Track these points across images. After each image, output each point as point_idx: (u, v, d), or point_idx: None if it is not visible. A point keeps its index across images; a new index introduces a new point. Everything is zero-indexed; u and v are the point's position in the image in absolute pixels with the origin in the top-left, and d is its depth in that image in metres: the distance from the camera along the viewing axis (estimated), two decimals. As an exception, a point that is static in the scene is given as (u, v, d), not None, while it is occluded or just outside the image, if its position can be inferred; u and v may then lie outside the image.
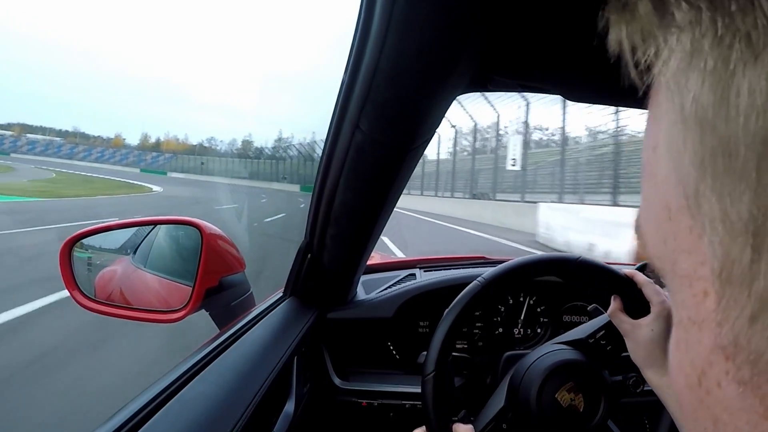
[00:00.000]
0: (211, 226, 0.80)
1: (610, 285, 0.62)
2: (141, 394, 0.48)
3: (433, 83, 0.45)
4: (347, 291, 0.94)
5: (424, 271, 1.14)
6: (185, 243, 0.86)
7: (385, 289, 1.03)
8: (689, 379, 0.16)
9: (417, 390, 0.61)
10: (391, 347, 0.99)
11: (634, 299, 0.60)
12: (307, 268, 0.83)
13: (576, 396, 0.62)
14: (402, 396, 0.87)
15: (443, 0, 0.35)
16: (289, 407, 0.73)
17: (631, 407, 0.69)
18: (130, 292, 0.85)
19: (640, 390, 0.65)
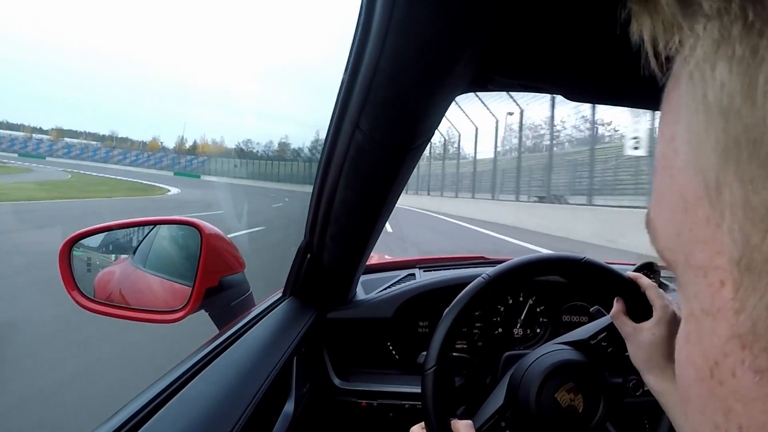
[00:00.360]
0: (211, 226, 0.80)
1: (613, 287, 0.62)
2: (141, 393, 0.48)
3: (433, 83, 0.45)
4: (347, 291, 0.94)
5: (423, 271, 1.14)
6: (185, 243, 0.86)
7: (385, 289, 1.03)
8: (700, 372, 0.16)
9: (416, 390, 0.61)
10: (391, 347, 0.99)
11: (637, 302, 0.60)
12: (307, 267, 0.83)
13: (576, 396, 0.62)
14: (401, 396, 0.87)
15: (443, 0, 0.35)
16: (289, 407, 0.73)
17: (631, 408, 0.69)
18: (129, 292, 0.85)
19: (639, 393, 0.65)
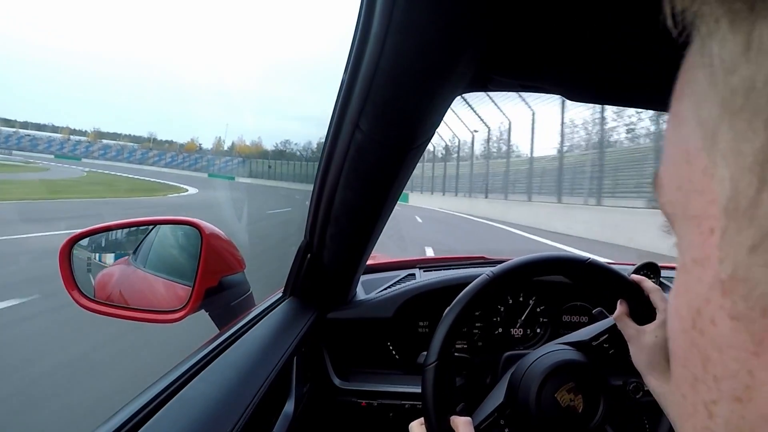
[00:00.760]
0: (211, 226, 0.80)
1: (616, 289, 0.62)
2: (141, 393, 0.48)
3: (433, 83, 0.45)
4: (347, 291, 0.94)
5: (423, 271, 1.14)
6: (185, 243, 0.86)
7: (385, 289, 1.03)
8: (684, 322, 0.17)
9: (417, 390, 0.61)
10: (391, 347, 0.99)
11: (640, 305, 0.60)
12: (307, 267, 0.83)
13: (576, 397, 0.62)
14: (401, 396, 0.87)
15: (443, 0, 0.35)
16: (289, 407, 0.73)
17: (631, 409, 0.69)
18: (129, 292, 0.85)
19: (639, 395, 0.65)
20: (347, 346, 0.96)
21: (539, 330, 1.03)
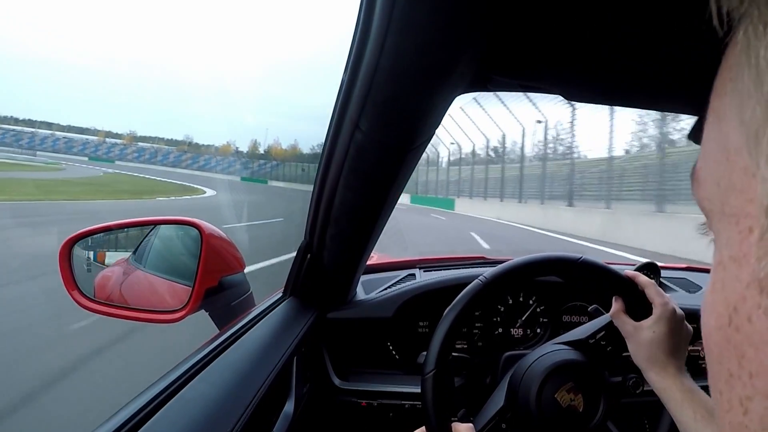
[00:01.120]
0: (211, 225, 0.80)
1: (611, 286, 0.62)
2: (141, 394, 0.48)
3: (433, 83, 0.45)
4: (347, 291, 0.94)
5: (423, 271, 1.14)
6: (185, 243, 0.86)
7: (385, 289, 1.03)
8: (720, 319, 0.17)
9: (417, 390, 0.61)
10: (391, 347, 0.99)
11: (635, 301, 0.60)
12: (307, 267, 0.83)
13: (576, 396, 0.62)
14: (401, 396, 0.87)
15: (443, 0, 0.35)
16: (289, 407, 0.73)
17: (631, 408, 0.69)
18: (129, 292, 0.85)
19: (639, 391, 0.65)
20: (347, 346, 0.96)
21: (539, 330, 1.03)
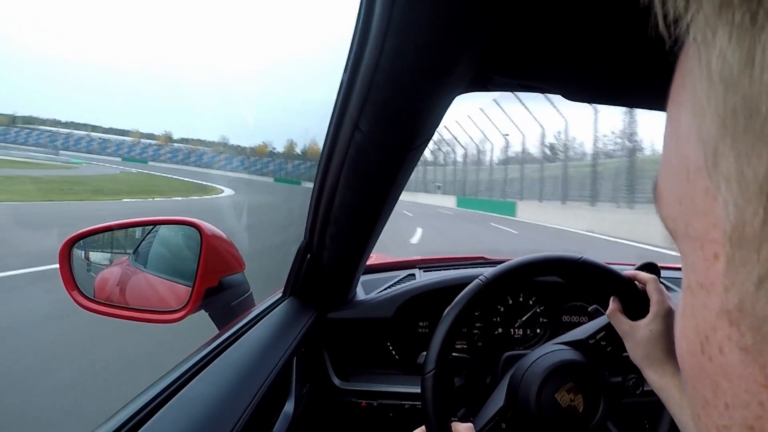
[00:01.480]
0: (211, 226, 0.80)
1: (610, 286, 0.62)
2: (141, 394, 0.48)
3: (433, 83, 0.45)
4: (347, 291, 0.94)
5: (423, 272, 1.14)
6: (185, 243, 0.86)
7: (385, 290, 1.03)
8: (692, 346, 0.16)
9: (416, 390, 0.61)
10: (391, 347, 0.99)
11: (633, 300, 0.60)
12: (307, 268, 0.83)
13: (575, 396, 0.62)
14: (401, 396, 0.87)
15: (443, 0, 0.35)
16: (289, 407, 0.73)
17: (631, 408, 0.69)
18: (129, 292, 0.85)
19: (639, 391, 0.65)
20: (347, 346, 0.96)
21: (539, 330, 1.03)
